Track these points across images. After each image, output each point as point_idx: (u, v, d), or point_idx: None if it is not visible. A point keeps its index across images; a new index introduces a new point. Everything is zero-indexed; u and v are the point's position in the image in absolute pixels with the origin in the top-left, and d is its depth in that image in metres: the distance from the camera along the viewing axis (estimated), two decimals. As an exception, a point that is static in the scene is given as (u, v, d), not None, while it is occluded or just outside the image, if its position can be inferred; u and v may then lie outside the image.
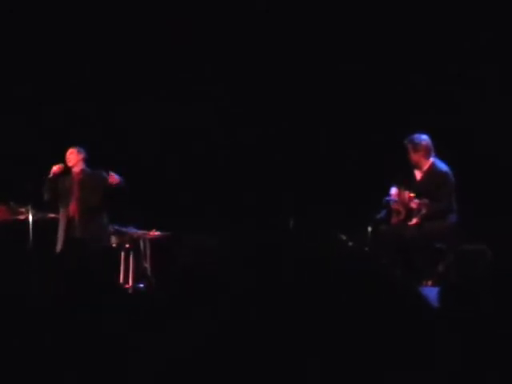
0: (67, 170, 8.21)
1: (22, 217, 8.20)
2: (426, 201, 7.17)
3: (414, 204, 7.21)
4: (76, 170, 8.21)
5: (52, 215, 8.32)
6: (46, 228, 8.22)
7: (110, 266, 8.28)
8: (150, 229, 8.60)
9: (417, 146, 7.36)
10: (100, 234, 8.08)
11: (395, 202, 7.42)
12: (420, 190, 7.30)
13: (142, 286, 8.30)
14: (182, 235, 8.56)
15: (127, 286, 8.23)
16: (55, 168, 8.11)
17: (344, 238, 7.93)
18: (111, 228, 8.32)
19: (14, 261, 7.92)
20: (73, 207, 8.09)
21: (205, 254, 8.21)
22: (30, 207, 8.07)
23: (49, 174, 8.12)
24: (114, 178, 8.03)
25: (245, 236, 8.71)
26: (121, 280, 8.20)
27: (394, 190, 7.47)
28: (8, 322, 1.87)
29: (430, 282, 6.97)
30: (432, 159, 7.40)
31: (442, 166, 7.38)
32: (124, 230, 8.53)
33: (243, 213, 9.11)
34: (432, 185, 7.29)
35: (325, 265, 1.49)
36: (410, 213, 7.32)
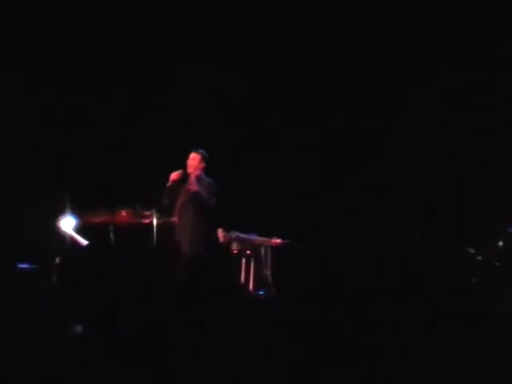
0: (186, 176, 8.15)
1: (146, 220, 8.32)
2: None
3: None
4: (192, 176, 8.16)
5: (175, 219, 8.38)
6: (168, 231, 8.32)
7: (231, 272, 8.32)
8: (271, 236, 8.57)
9: None
10: (195, 241, 8.04)
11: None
12: None
13: (262, 293, 8.27)
14: (299, 243, 8.52)
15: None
16: (173, 175, 8.08)
17: (472, 251, 7.69)
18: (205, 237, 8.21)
19: (139, 261, 8.08)
20: (177, 211, 8.12)
21: (321, 261, 8.11)
22: (154, 211, 8.17)
23: (168, 181, 8.11)
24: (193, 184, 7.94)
25: (366, 246, 8.59)
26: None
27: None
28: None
29: None
30: None
31: None
32: (245, 236, 8.53)
33: (365, 222, 9.01)
34: None
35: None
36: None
